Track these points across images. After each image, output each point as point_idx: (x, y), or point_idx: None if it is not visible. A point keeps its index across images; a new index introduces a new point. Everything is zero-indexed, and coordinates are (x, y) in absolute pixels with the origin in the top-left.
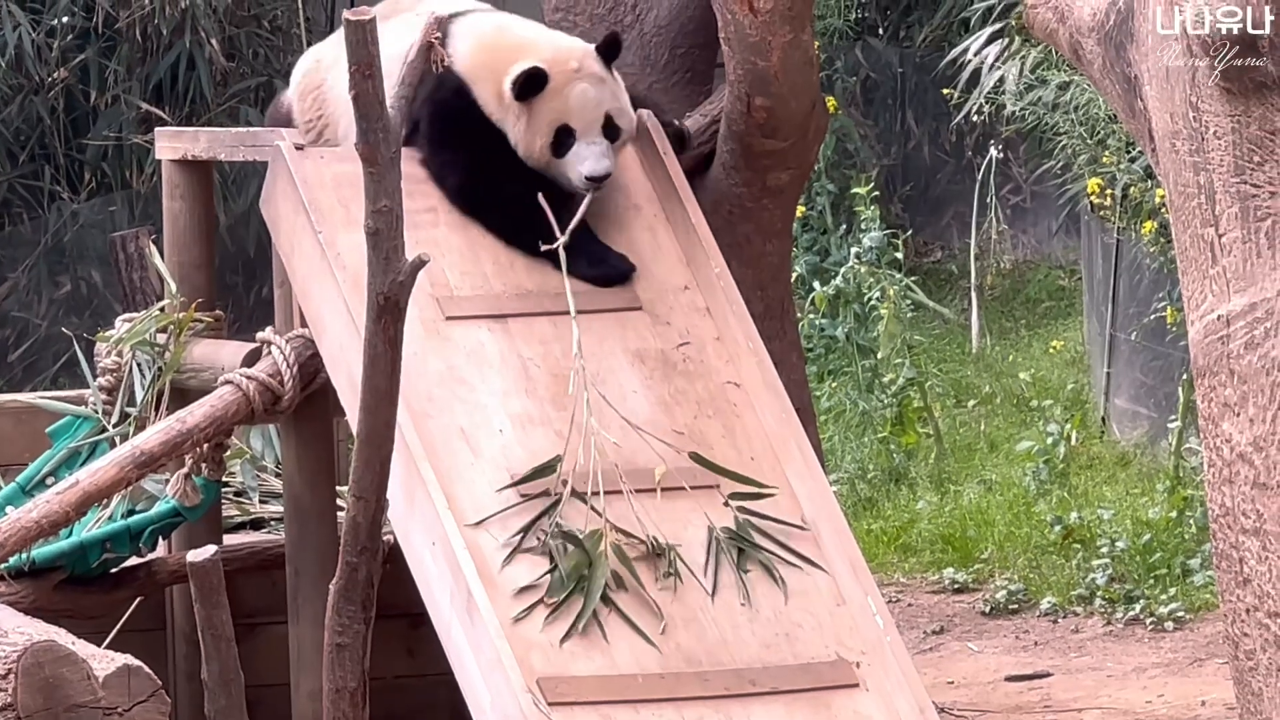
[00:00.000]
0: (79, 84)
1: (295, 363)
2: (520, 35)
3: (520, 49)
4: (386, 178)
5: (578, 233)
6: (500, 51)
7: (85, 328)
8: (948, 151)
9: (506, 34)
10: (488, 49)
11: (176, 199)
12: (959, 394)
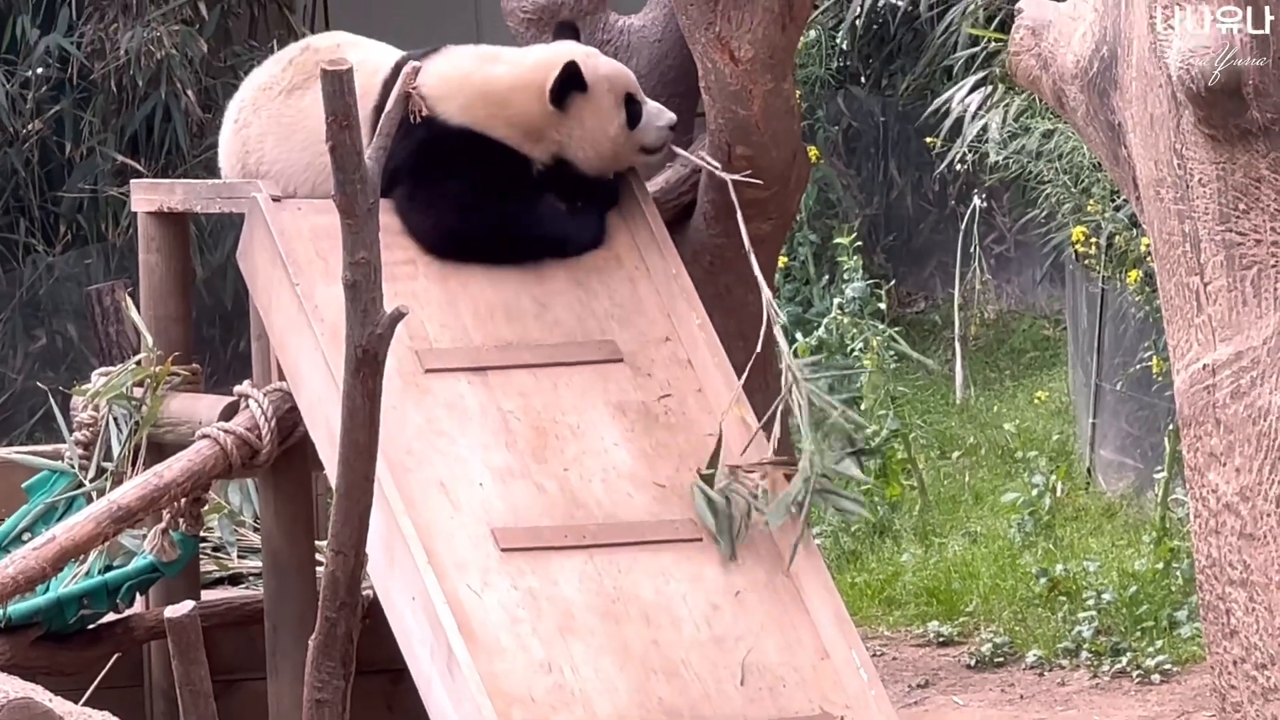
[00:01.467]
0: (54, 136)
1: (273, 416)
2: (503, 60)
3: (524, 69)
4: (364, 230)
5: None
6: (499, 93)
7: (61, 382)
8: (931, 201)
9: (488, 75)
10: (483, 94)
11: (153, 252)
12: (943, 445)
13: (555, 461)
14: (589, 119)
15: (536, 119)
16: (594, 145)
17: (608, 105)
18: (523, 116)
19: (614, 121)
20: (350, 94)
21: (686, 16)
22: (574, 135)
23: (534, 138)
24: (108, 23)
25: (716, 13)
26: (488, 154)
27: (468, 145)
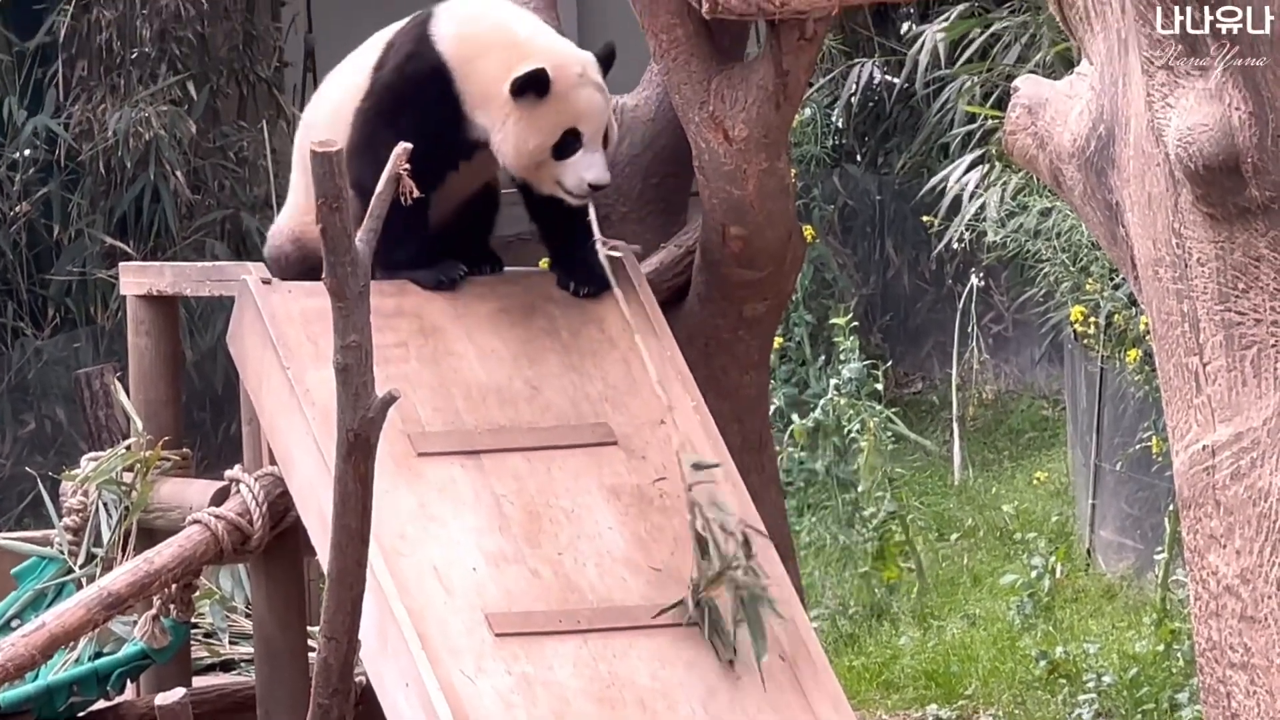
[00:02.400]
0: (41, 218)
1: (264, 501)
2: (518, 32)
3: (518, 47)
4: (355, 312)
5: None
6: (496, 48)
7: (50, 467)
8: (928, 280)
9: (504, 30)
10: (481, 41)
11: (142, 335)
12: (941, 527)
13: (549, 546)
14: (526, 121)
15: (494, 89)
16: (515, 147)
17: (549, 122)
18: (490, 76)
19: (540, 139)
20: (341, 176)
21: (680, 95)
22: (507, 125)
23: (484, 104)
24: (95, 104)
25: (710, 91)
26: (438, 105)
27: (429, 83)
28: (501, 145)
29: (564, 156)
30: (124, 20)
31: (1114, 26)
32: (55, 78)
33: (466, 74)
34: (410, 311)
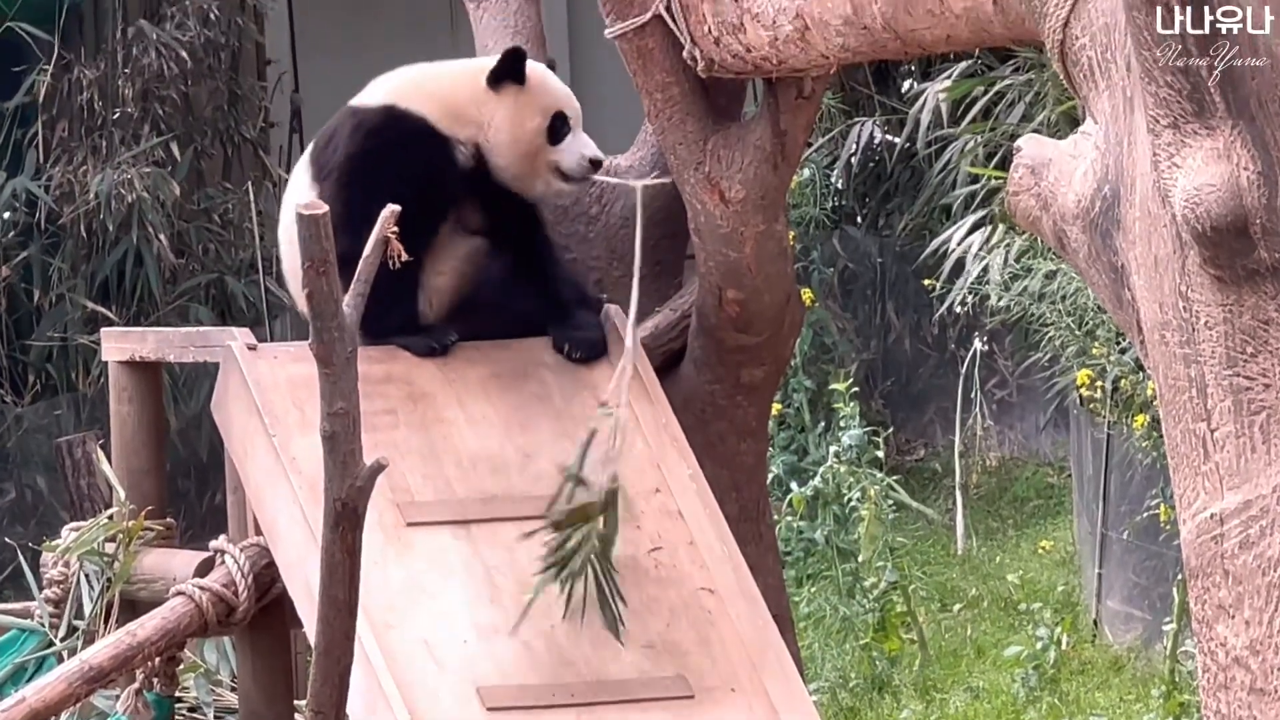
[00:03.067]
0: (21, 283)
1: (250, 572)
2: (448, 64)
3: (468, 65)
4: (342, 379)
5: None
6: (446, 74)
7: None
8: (930, 344)
9: (440, 65)
10: (427, 75)
11: (124, 402)
12: (944, 598)
13: (542, 618)
14: (511, 106)
15: (464, 100)
16: (511, 135)
17: (535, 106)
18: (451, 97)
19: (534, 121)
20: (326, 239)
21: (675, 156)
22: (494, 117)
23: (458, 119)
24: (76, 165)
25: (705, 152)
26: (410, 138)
27: (389, 124)
28: (495, 139)
29: (558, 141)
30: (105, 80)
31: (1119, 84)
32: (35, 139)
33: (425, 103)
34: (399, 377)
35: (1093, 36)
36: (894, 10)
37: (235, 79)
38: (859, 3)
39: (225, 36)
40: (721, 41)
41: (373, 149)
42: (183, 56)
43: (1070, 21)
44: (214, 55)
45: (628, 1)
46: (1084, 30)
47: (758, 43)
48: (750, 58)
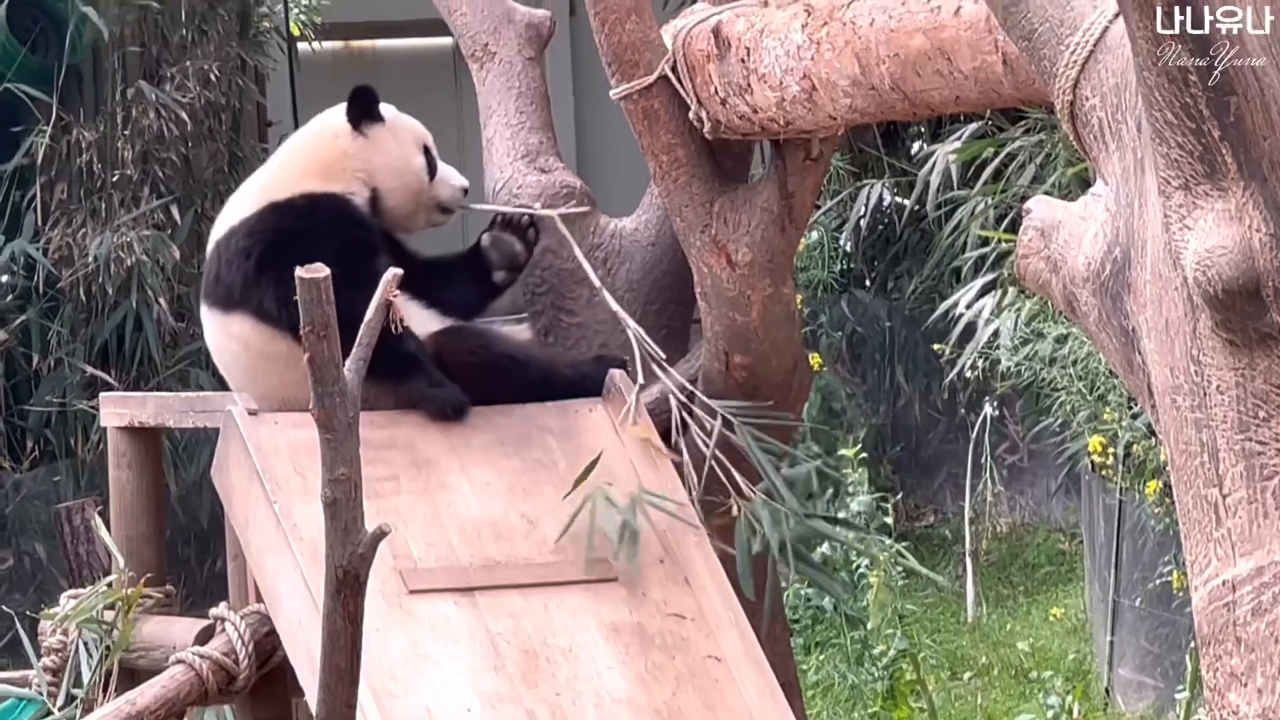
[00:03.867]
0: (20, 347)
1: (251, 640)
2: (297, 136)
3: (312, 132)
4: (344, 444)
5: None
6: (303, 150)
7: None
8: (940, 409)
9: (289, 146)
10: (289, 161)
11: (124, 468)
12: (954, 665)
13: (546, 686)
14: (391, 147)
15: (342, 156)
16: (399, 175)
17: (406, 142)
18: (330, 159)
19: (415, 158)
20: (328, 303)
21: (681, 219)
22: (376, 162)
23: (345, 177)
24: (75, 228)
25: (712, 215)
26: (333, 213)
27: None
28: (385, 184)
29: (432, 175)
30: (105, 142)
31: (1130, 146)
32: (33, 201)
33: (315, 177)
34: (402, 443)
35: (1103, 97)
36: (902, 71)
37: (236, 141)
38: (866, 63)
39: (226, 98)
40: (728, 102)
41: (303, 233)
42: (183, 118)
43: (1080, 82)
44: (214, 117)
45: (633, 62)
46: (1094, 91)
47: (764, 104)
48: (757, 119)
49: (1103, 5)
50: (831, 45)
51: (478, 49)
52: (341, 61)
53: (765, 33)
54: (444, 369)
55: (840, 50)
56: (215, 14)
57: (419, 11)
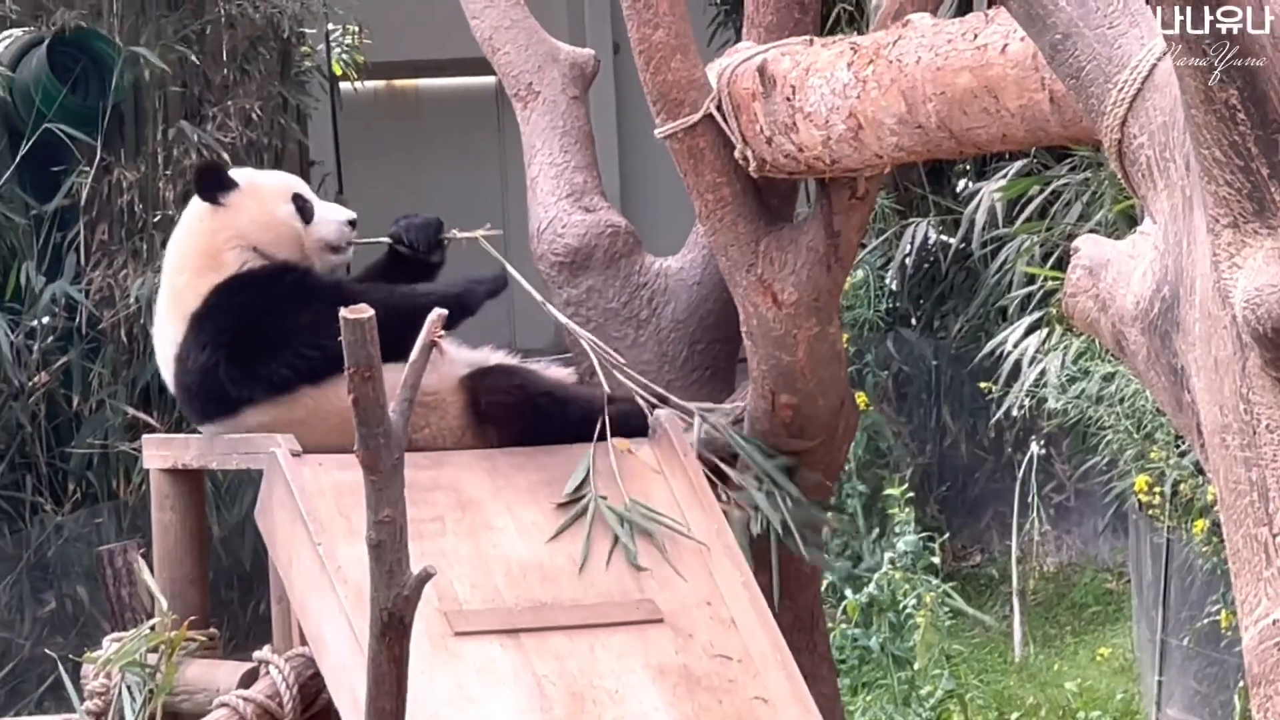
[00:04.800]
0: (61, 388)
1: (295, 683)
2: (179, 231)
3: (187, 221)
4: (389, 486)
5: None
6: (183, 246)
7: (71, 648)
8: (986, 448)
9: (176, 243)
10: (184, 253)
11: (167, 510)
12: (1001, 706)
13: None
14: (251, 206)
15: (209, 235)
16: (269, 229)
17: (267, 196)
18: (203, 243)
19: (279, 207)
20: (373, 344)
21: (726, 258)
22: (243, 225)
23: (221, 253)
24: (116, 269)
25: (758, 254)
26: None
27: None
28: (264, 243)
29: (309, 218)
30: (146, 182)
31: (1178, 183)
32: (75, 242)
33: (199, 265)
34: (447, 484)
35: (1150, 135)
36: (948, 109)
37: None
38: (913, 101)
39: (268, 137)
40: (774, 141)
41: (243, 312)
42: (225, 158)
43: (1128, 120)
44: (257, 156)
45: (678, 101)
46: (1141, 129)
47: (810, 142)
48: (803, 157)
49: (1150, 43)
50: (878, 83)
51: (521, 88)
52: (384, 101)
53: (811, 71)
54: (480, 409)
55: (886, 88)
56: (257, 53)
57: (462, 51)
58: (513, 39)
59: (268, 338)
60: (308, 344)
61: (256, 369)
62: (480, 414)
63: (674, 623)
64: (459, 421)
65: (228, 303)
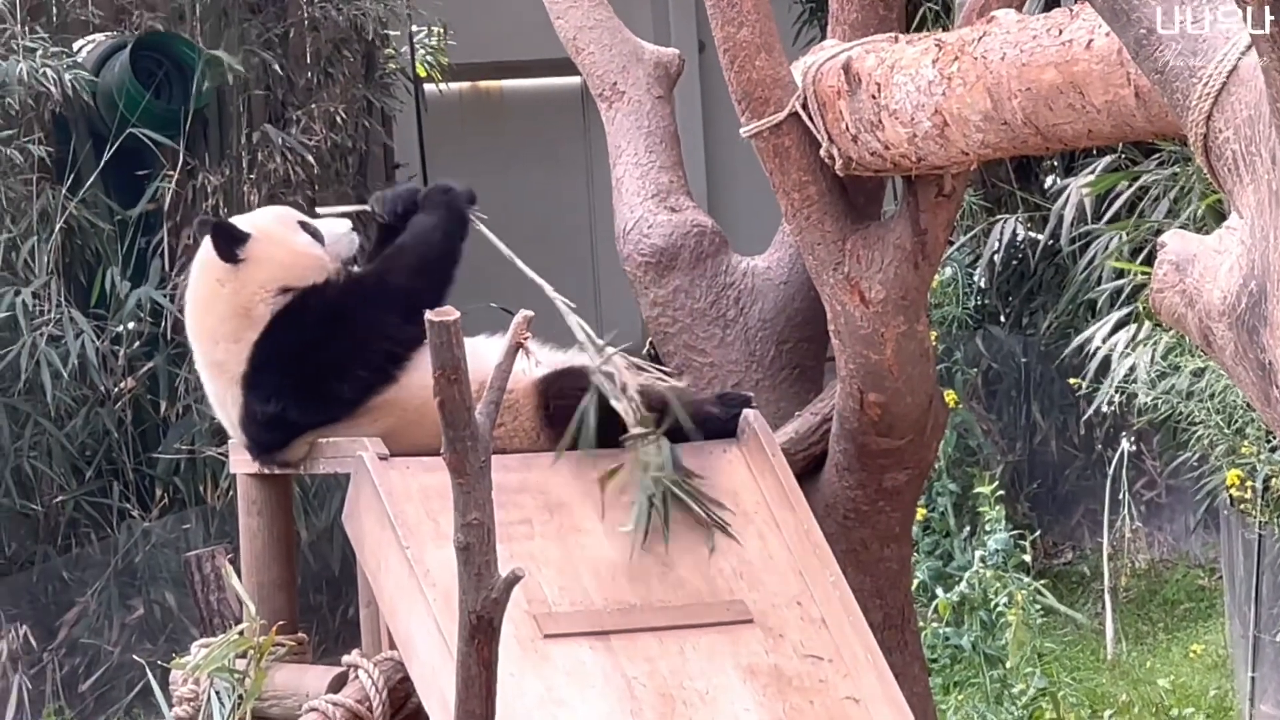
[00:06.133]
0: (147, 394)
1: (384, 687)
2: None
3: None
4: (476, 489)
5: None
6: (208, 303)
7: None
8: (1076, 445)
9: (197, 300)
10: (202, 349)
11: (254, 515)
12: (1094, 704)
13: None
14: (274, 250)
15: (234, 295)
16: (300, 265)
17: (280, 236)
18: (231, 305)
19: (297, 240)
20: (460, 346)
21: (813, 257)
22: (269, 272)
23: (251, 307)
24: None
25: (845, 252)
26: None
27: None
28: (292, 279)
29: (322, 241)
30: (231, 186)
31: (1264, 178)
32: (160, 247)
33: (233, 331)
34: (534, 486)
35: (1236, 129)
36: (1034, 105)
37: (364, 183)
38: (998, 98)
39: (352, 140)
40: (859, 139)
41: (291, 354)
42: (309, 161)
43: (1213, 115)
44: (341, 159)
45: (763, 100)
46: (1227, 123)
47: (896, 140)
48: (889, 155)
49: (1235, 38)
50: (963, 80)
51: (606, 88)
52: (469, 102)
53: (896, 68)
54: (552, 412)
55: (972, 85)
56: (341, 56)
57: (546, 51)
58: (597, 39)
59: (330, 361)
60: (367, 348)
61: (322, 400)
62: (550, 416)
63: (764, 623)
64: (532, 423)
65: (272, 355)
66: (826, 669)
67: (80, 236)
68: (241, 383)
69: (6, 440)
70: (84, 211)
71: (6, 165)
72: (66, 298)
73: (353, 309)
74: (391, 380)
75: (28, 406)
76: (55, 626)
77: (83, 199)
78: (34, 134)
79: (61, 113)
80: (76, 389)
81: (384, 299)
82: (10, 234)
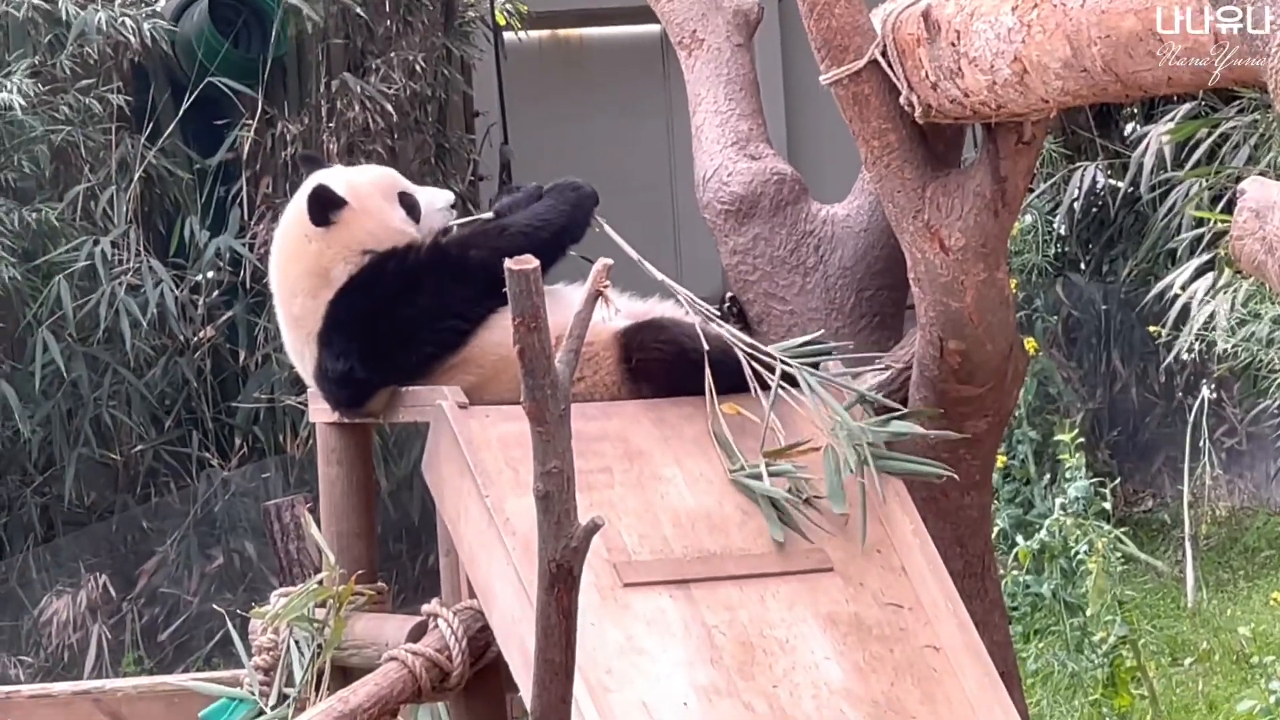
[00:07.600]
0: (226, 343)
1: (464, 636)
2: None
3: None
4: (555, 437)
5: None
6: (288, 286)
7: (239, 603)
8: (1157, 393)
9: (287, 261)
10: (285, 306)
11: (333, 464)
12: (1175, 652)
13: (764, 678)
14: (365, 221)
15: (318, 256)
16: (388, 238)
17: (375, 208)
18: (314, 264)
19: (393, 216)
20: (539, 294)
21: (893, 204)
22: (360, 238)
23: (331, 268)
24: None
25: (925, 199)
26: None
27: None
28: (378, 245)
29: (416, 213)
30: (310, 134)
31: None
32: (239, 196)
33: (314, 287)
34: (614, 435)
35: None
36: (1114, 53)
37: (443, 132)
38: (1078, 45)
39: (432, 89)
40: (939, 86)
41: (365, 312)
42: (388, 110)
43: None
44: (420, 108)
45: (843, 47)
46: None
47: (975, 87)
48: (968, 103)
49: None
50: (1042, 27)
51: (686, 36)
52: (548, 51)
53: (975, 16)
54: (632, 365)
55: (1051, 32)
56: (420, 5)
57: None
58: None
59: (397, 329)
60: (435, 321)
61: (390, 363)
62: (632, 370)
63: (844, 571)
64: (613, 376)
65: (344, 316)
66: (906, 617)
67: (159, 185)
68: (317, 339)
69: (86, 389)
70: (163, 160)
71: (86, 114)
72: (145, 247)
73: (428, 281)
74: (458, 348)
75: (107, 356)
76: (134, 576)
77: (161, 148)
78: (113, 83)
79: (140, 62)
80: (155, 338)
81: (463, 275)
82: (90, 183)
